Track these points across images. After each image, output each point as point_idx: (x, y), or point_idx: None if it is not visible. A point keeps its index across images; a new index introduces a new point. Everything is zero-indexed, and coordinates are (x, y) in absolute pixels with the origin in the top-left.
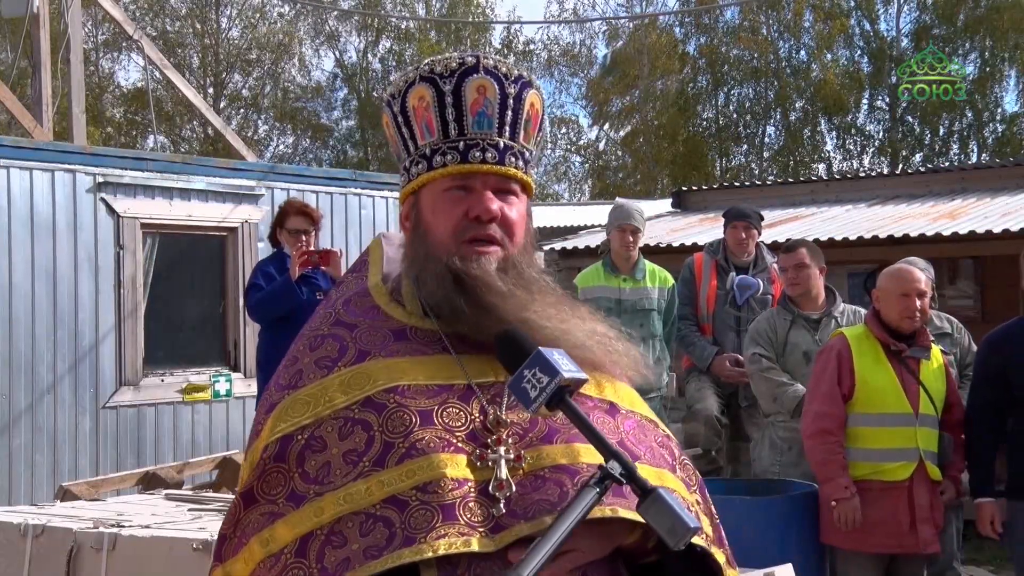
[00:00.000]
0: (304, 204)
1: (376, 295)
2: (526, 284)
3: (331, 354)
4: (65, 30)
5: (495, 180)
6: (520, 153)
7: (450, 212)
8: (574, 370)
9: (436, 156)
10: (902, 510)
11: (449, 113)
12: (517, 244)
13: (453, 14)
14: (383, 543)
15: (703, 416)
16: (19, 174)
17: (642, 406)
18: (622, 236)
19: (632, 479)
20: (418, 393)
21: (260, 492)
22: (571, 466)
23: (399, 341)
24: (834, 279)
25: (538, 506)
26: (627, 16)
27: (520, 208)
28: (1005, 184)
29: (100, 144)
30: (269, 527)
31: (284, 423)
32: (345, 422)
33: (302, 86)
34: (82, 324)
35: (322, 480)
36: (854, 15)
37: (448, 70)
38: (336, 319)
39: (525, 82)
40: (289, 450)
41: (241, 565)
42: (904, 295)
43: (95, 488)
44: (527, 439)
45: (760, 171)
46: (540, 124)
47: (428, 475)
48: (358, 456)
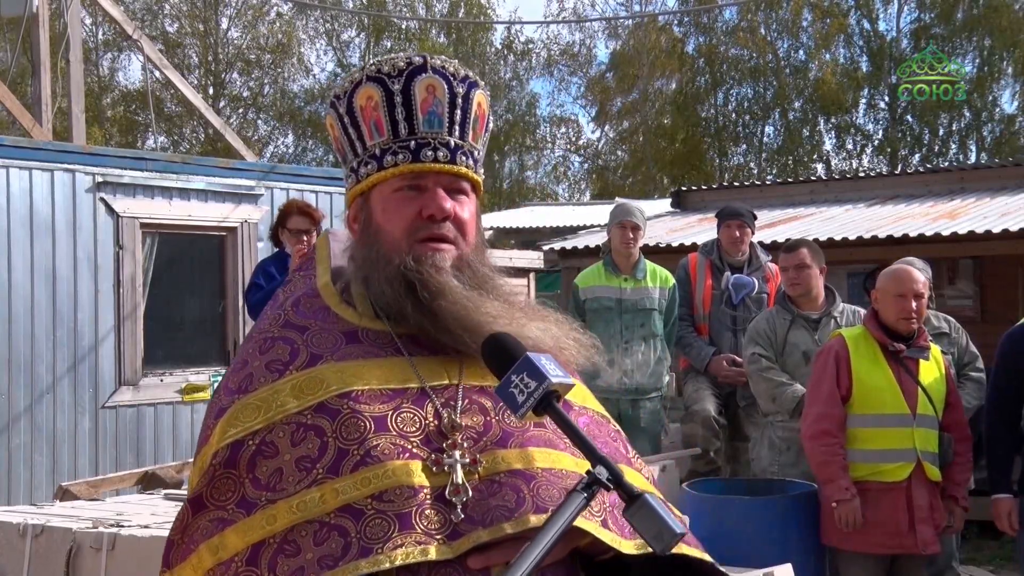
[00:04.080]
0: (306, 204)
1: (326, 296)
2: (480, 283)
3: (282, 357)
4: (65, 30)
5: (447, 179)
6: (470, 152)
7: (402, 212)
8: (562, 375)
9: (387, 156)
10: (901, 511)
11: (399, 112)
12: (470, 243)
13: (454, 14)
14: (338, 553)
15: (700, 417)
16: (19, 174)
17: (593, 402)
18: (622, 233)
19: (619, 484)
20: (372, 398)
21: (209, 498)
22: (526, 471)
23: (351, 344)
24: (834, 279)
25: (495, 512)
26: (627, 16)
27: (471, 207)
28: (1004, 184)
29: (100, 144)
30: (219, 534)
31: (234, 428)
32: (298, 428)
33: (303, 86)
34: (81, 324)
35: (274, 487)
36: (853, 14)
37: (396, 70)
38: (286, 320)
39: (472, 82)
40: (240, 456)
41: (189, 571)
42: (900, 296)
43: (94, 488)
44: (481, 443)
45: (759, 171)
46: (487, 124)
47: (384, 483)
48: (311, 463)
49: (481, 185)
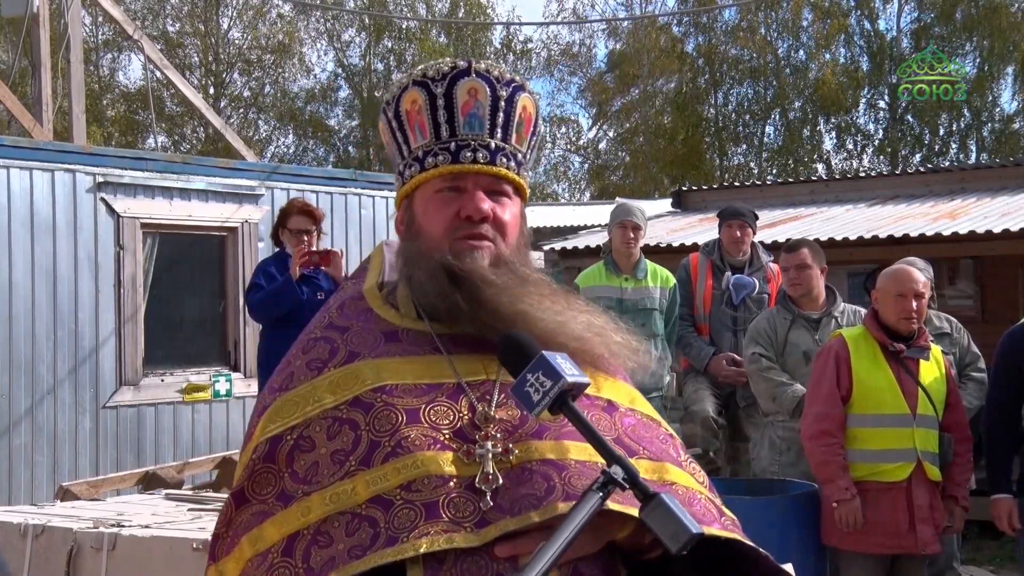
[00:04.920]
0: (306, 204)
1: (370, 298)
2: (520, 278)
3: (321, 356)
4: (65, 30)
5: (486, 180)
6: (512, 155)
7: (442, 212)
8: (577, 374)
9: (428, 158)
10: (901, 511)
11: (441, 115)
12: (510, 244)
13: (454, 14)
14: (367, 543)
15: (699, 417)
16: (19, 174)
17: (643, 404)
18: (623, 232)
19: (635, 484)
20: (405, 392)
21: (251, 492)
22: (559, 461)
23: (390, 342)
24: (834, 279)
25: (524, 501)
26: (627, 16)
27: (513, 210)
28: (1005, 184)
29: (100, 144)
30: (258, 526)
31: (274, 424)
32: (333, 422)
33: (303, 86)
34: (82, 324)
35: (310, 480)
36: (853, 14)
37: (440, 74)
38: (329, 322)
39: (517, 86)
40: (278, 450)
41: (232, 564)
42: (901, 296)
43: (95, 488)
44: (516, 434)
45: (759, 171)
46: (534, 127)
47: (413, 473)
48: (345, 455)
49: (525, 188)
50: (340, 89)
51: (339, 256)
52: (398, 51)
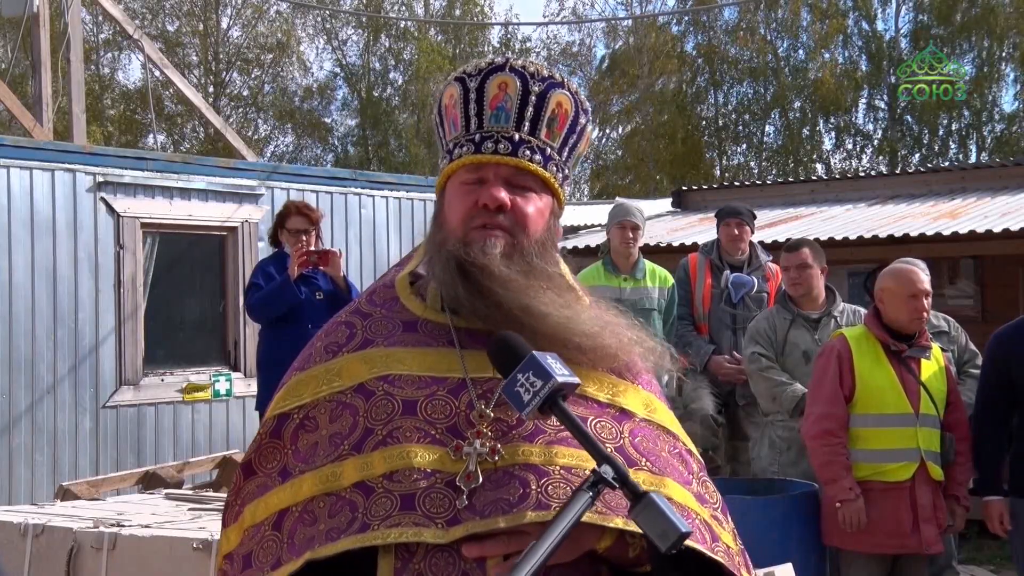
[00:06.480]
0: (304, 204)
1: (399, 287)
2: (531, 272)
3: (339, 340)
4: (65, 29)
5: (507, 171)
6: (540, 149)
7: (462, 202)
8: (567, 374)
9: (456, 149)
10: (904, 510)
11: (472, 108)
12: (532, 238)
13: (450, 13)
14: (343, 526)
15: (699, 416)
16: (19, 173)
17: (664, 414)
18: (622, 233)
19: (624, 483)
20: (408, 383)
21: (257, 464)
22: (542, 466)
23: (407, 332)
24: (834, 279)
25: (495, 505)
26: (627, 16)
27: (538, 204)
28: (1005, 184)
29: (100, 144)
30: (259, 498)
31: (284, 402)
32: (337, 405)
33: (302, 85)
34: (82, 324)
35: (308, 459)
36: (851, 15)
37: (477, 69)
38: (356, 308)
39: (555, 83)
40: (285, 428)
41: (235, 533)
42: (912, 296)
43: (95, 488)
44: (509, 435)
45: (759, 171)
46: (571, 125)
47: (398, 463)
48: (341, 439)
49: (552, 182)
50: (339, 88)
51: (338, 256)
52: (396, 50)
